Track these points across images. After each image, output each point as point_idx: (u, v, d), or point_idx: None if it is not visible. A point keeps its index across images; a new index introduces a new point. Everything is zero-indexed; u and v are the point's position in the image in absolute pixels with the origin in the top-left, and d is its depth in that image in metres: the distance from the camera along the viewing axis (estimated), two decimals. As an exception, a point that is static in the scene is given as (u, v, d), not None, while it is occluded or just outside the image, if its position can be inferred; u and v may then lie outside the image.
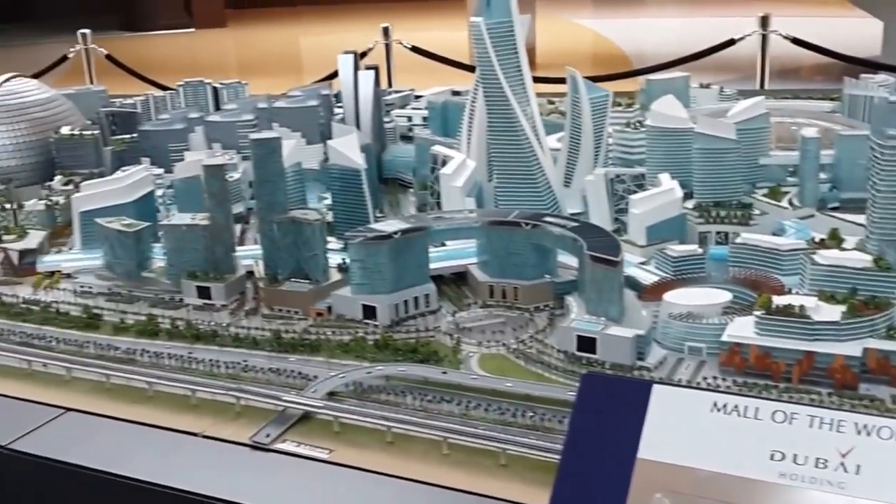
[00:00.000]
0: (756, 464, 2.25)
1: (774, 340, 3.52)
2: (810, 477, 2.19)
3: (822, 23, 15.73)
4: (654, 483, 2.31)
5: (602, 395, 2.49)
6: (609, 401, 2.46)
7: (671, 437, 2.34)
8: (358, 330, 4.12)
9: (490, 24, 4.74)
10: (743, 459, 2.27)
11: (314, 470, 3.21)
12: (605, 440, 2.40)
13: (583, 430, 2.45)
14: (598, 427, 2.43)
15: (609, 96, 5.29)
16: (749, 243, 4.22)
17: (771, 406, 2.30)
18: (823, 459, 2.20)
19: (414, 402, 3.51)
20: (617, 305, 3.83)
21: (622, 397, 2.45)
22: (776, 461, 2.23)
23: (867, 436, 2.18)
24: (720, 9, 21.92)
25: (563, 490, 2.41)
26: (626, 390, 2.48)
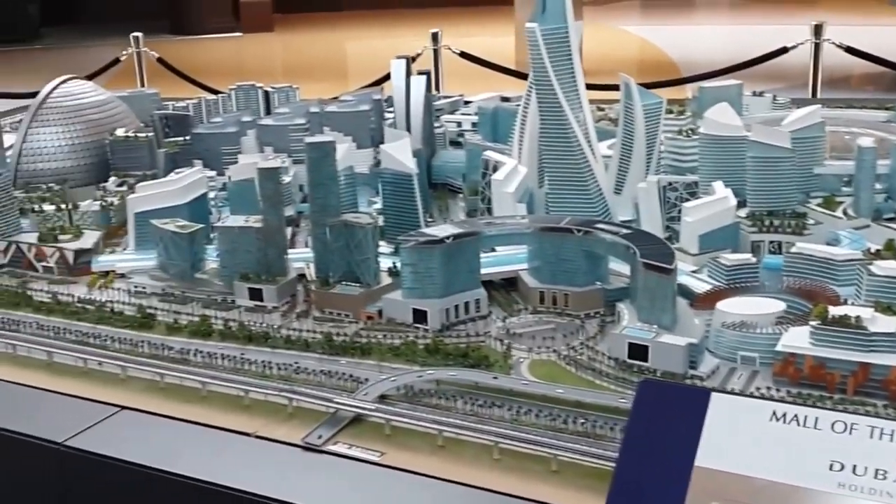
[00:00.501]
0: (814, 474, 2.25)
1: (830, 351, 3.50)
2: (869, 488, 2.18)
3: (874, 31, 15.50)
4: (711, 491, 2.32)
5: (659, 402, 2.50)
6: (666, 408, 2.47)
7: (729, 445, 2.35)
8: (408, 334, 4.17)
9: (545, 29, 4.76)
10: (801, 469, 2.27)
11: (365, 472, 3.26)
12: (662, 447, 2.41)
13: (639, 436, 2.46)
14: (654, 434, 2.44)
15: (662, 103, 5.28)
16: (804, 253, 4.20)
17: (831, 416, 2.31)
18: (883, 471, 2.19)
19: (464, 406, 3.54)
20: (669, 313, 3.83)
21: (680, 405, 2.46)
22: (835, 472, 2.23)
23: None
24: (768, 16, 21.71)
25: (619, 496, 2.42)
26: (684, 398, 2.49)
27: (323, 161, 4.47)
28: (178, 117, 7.15)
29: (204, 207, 5.44)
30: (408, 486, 3.17)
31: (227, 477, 3.25)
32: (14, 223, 5.49)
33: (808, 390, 3.48)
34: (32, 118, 6.72)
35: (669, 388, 2.68)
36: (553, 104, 4.80)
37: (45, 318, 4.61)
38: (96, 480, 3.56)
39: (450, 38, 12.14)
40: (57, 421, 3.72)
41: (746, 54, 11.22)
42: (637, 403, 2.52)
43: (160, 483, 3.36)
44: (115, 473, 3.47)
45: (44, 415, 3.81)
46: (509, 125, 5.76)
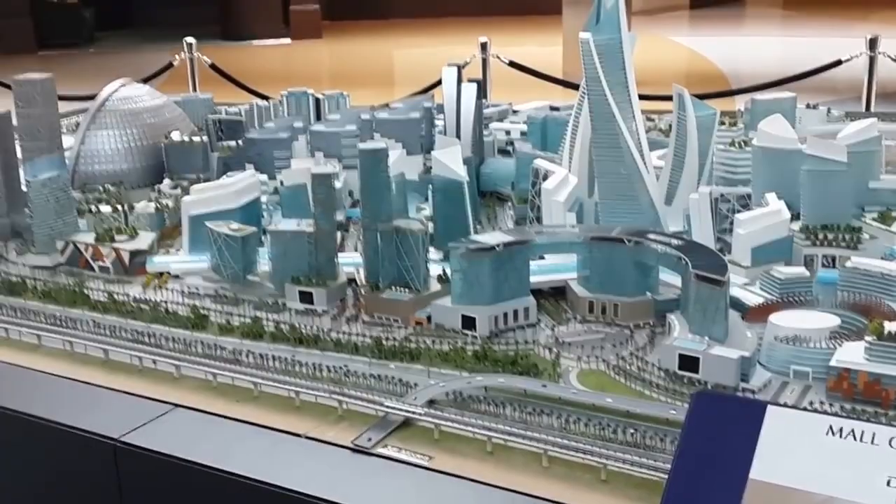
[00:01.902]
0: (871, 489, 2.24)
1: (885, 367, 3.46)
2: None
3: None
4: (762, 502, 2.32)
5: (714, 414, 2.50)
6: (721, 420, 2.47)
7: (784, 459, 2.34)
8: (457, 340, 4.20)
9: (598, 39, 4.78)
10: (857, 484, 2.25)
11: (414, 476, 3.29)
12: (717, 459, 2.41)
13: (693, 448, 2.46)
14: (709, 446, 2.43)
15: (716, 115, 5.27)
16: (860, 268, 4.15)
17: (888, 432, 2.29)
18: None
19: (513, 413, 3.56)
20: (721, 326, 3.81)
21: (735, 417, 2.46)
22: (892, 487, 2.21)
23: None
24: (819, 29, 21.44)
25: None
26: (739, 410, 2.49)
27: (376, 167, 4.52)
28: (231, 122, 7.27)
29: (256, 211, 5.53)
30: (456, 491, 3.20)
31: (277, 476, 3.30)
32: (72, 223, 5.63)
33: (862, 406, 3.44)
34: (91, 121, 6.88)
35: (724, 401, 2.67)
36: (605, 114, 4.81)
37: (100, 317, 4.72)
38: (150, 476, 3.64)
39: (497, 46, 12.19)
40: (113, 417, 3.80)
41: (796, 66, 11.11)
42: (691, 415, 2.52)
43: (211, 480, 3.42)
44: (168, 469, 3.54)
45: (100, 411, 3.90)
46: (558, 134, 5.77)
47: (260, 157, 6.59)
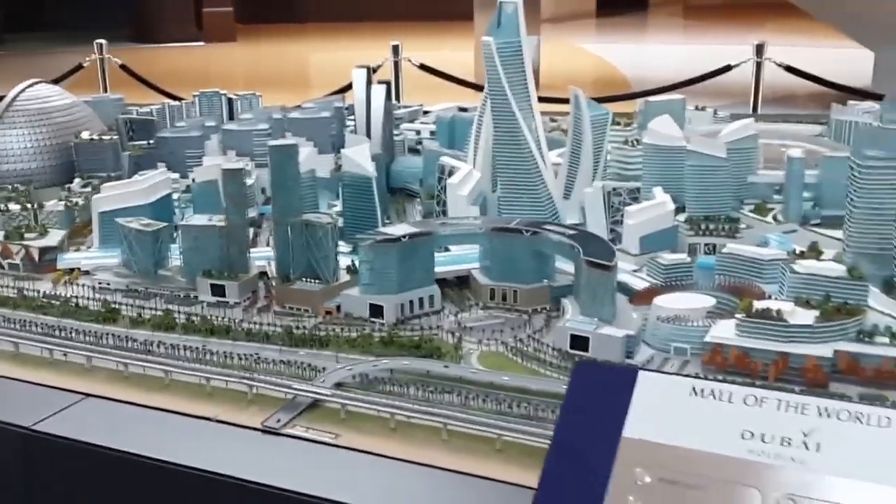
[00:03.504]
0: (728, 442, 2.46)
1: (753, 342, 3.75)
2: (776, 454, 2.39)
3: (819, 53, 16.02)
4: (637, 459, 2.52)
5: (593, 381, 2.70)
6: (599, 387, 2.68)
7: (653, 418, 2.55)
8: (365, 327, 4.35)
9: (500, 43, 4.99)
10: (716, 438, 2.47)
11: (321, 453, 3.43)
12: (594, 422, 2.61)
13: (574, 412, 2.66)
14: (587, 409, 2.64)
15: (609, 115, 5.54)
16: (734, 253, 4.46)
17: (743, 391, 2.53)
18: (788, 438, 2.40)
19: (416, 393, 3.73)
20: (609, 308, 4.05)
21: (611, 383, 2.67)
22: (746, 440, 2.44)
23: (828, 418, 2.39)
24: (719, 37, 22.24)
25: (554, 464, 2.62)
26: (615, 376, 2.70)
27: (286, 163, 4.64)
28: (142, 122, 7.27)
29: (168, 208, 5.57)
30: (361, 465, 3.35)
31: (189, 458, 3.40)
32: (-20, 222, 5.58)
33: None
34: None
35: (602, 368, 2.89)
36: (507, 113, 5.03)
37: (11, 312, 4.71)
38: (62, 463, 3.68)
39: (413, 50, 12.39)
40: (24, 407, 3.83)
41: (694, 71, 11.59)
42: (573, 382, 2.72)
43: (123, 465, 3.49)
44: (80, 456, 3.59)
45: (11, 401, 3.91)
46: (465, 133, 5.97)
47: (172, 156, 6.62)
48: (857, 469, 2.29)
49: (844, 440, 2.35)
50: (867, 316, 3.86)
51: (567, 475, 2.58)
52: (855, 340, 3.72)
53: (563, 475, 2.59)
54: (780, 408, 2.45)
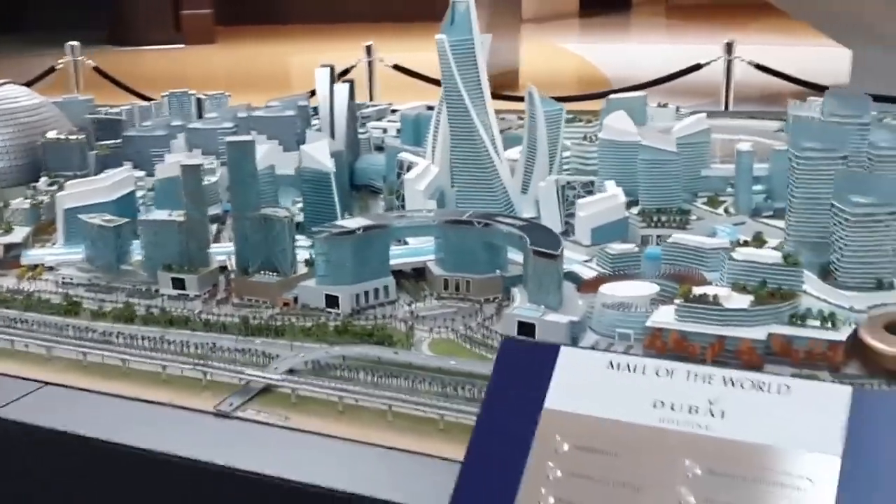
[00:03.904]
0: (640, 411, 2.67)
1: (691, 325, 3.96)
2: (684, 421, 2.60)
3: (803, 51, 16.30)
4: (556, 429, 2.73)
5: (517, 358, 2.91)
6: (523, 362, 2.89)
7: (572, 390, 2.76)
8: (321, 317, 4.54)
9: (452, 40, 5.20)
10: (629, 408, 2.68)
11: (272, 434, 3.62)
12: (518, 395, 2.81)
13: (499, 387, 2.87)
14: (512, 384, 2.85)
15: (562, 110, 5.76)
16: (679, 243, 4.68)
17: (655, 364, 2.74)
18: (695, 406, 2.62)
19: (366, 378, 3.92)
20: (555, 295, 4.26)
21: (535, 358, 2.88)
22: (657, 409, 2.65)
23: (732, 386, 2.60)
24: (702, 37, 22.51)
25: (480, 436, 2.82)
26: (539, 352, 2.91)
27: (243, 159, 4.83)
28: (109, 121, 7.44)
29: (131, 204, 5.75)
30: (310, 445, 3.55)
31: (144, 440, 3.58)
32: (-54, 219, 5.74)
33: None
34: (-35, 121, 6.96)
35: (527, 345, 3.10)
36: (461, 109, 5.24)
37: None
38: (21, 447, 3.86)
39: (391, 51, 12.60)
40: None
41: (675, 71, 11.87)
42: (499, 359, 2.93)
43: (80, 448, 3.68)
44: (38, 440, 3.78)
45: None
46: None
47: (138, 155, 6.79)
48: (758, 433, 2.50)
49: (746, 407, 2.57)
50: (801, 300, 4.08)
51: (491, 445, 2.79)
52: (788, 324, 3.93)
53: (488, 445, 2.80)
54: (689, 378, 2.67)
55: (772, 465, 2.41)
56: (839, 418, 2.44)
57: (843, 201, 4.22)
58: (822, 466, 2.36)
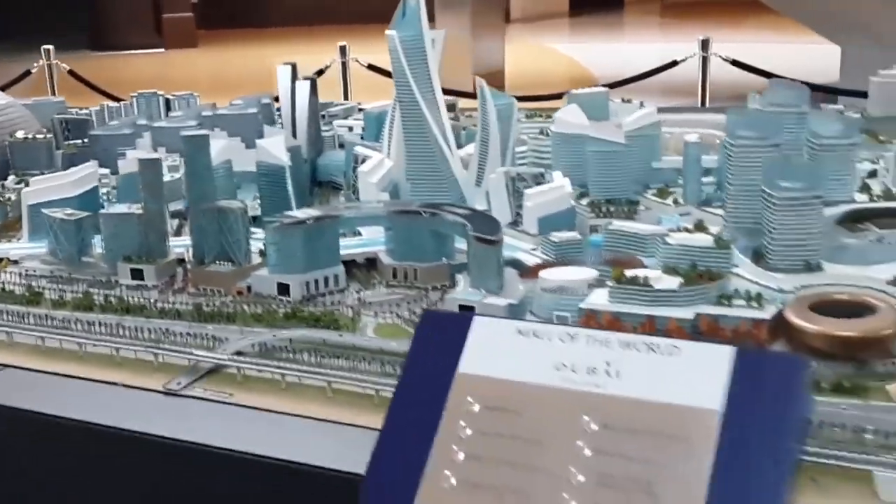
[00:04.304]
0: (544, 373, 2.94)
1: (623, 306, 4.25)
2: (583, 381, 2.88)
3: (796, 49, 16.65)
4: (468, 391, 3.01)
5: (436, 327, 3.19)
6: (441, 331, 3.16)
7: (484, 355, 3.04)
8: (272, 304, 4.83)
9: (403, 36, 5.50)
10: (534, 370, 2.95)
11: (217, 409, 3.91)
12: (434, 362, 3.09)
13: (418, 355, 3.14)
14: (430, 352, 3.12)
15: (513, 104, 6.06)
16: (618, 230, 4.97)
17: (560, 330, 3.02)
18: (593, 368, 2.90)
19: (310, 358, 4.21)
20: (496, 280, 4.55)
21: (451, 328, 3.15)
22: (559, 370, 2.93)
23: (627, 349, 2.88)
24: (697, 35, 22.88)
25: (399, 400, 3.09)
26: (455, 322, 3.19)
27: (197, 153, 5.12)
28: (77, 121, 7.73)
29: (95, 199, 6.03)
30: (252, 419, 3.84)
31: (96, 416, 3.88)
32: (-88, 216, 6.02)
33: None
34: (-67, 121, 7.24)
35: (445, 316, 3.37)
36: (412, 103, 5.53)
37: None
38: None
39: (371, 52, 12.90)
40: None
41: (667, 70, 12.18)
42: (418, 329, 3.21)
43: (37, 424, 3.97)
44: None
45: (-68, 375, 4.38)
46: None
47: (105, 153, 7.05)
48: (648, 390, 2.79)
49: (639, 367, 2.85)
50: (729, 281, 4.37)
51: (408, 408, 3.07)
52: (716, 304, 4.22)
53: (405, 408, 3.08)
54: (588, 343, 2.95)
55: (659, 419, 2.69)
56: (721, 376, 2.72)
57: (771, 187, 4.51)
58: (703, 419, 2.65)
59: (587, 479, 2.68)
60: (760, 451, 2.62)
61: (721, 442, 2.62)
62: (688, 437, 2.67)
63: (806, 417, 2.78)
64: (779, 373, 2.76)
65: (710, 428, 2.65)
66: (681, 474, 2.62)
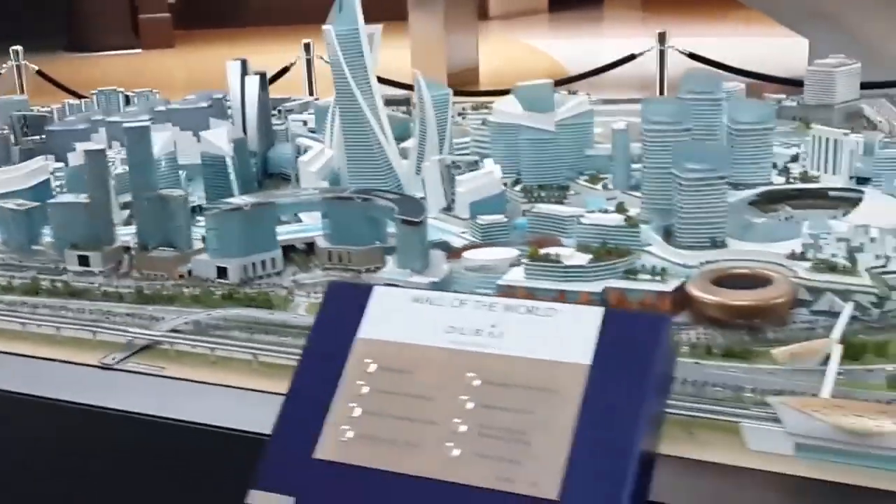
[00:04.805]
0: (435, 336, 3.21)
1: (536, 282, 4.53)
2: (469, 342, 3.16)
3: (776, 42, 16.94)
4: (366, 354, 3.28)
5: (341, 297, 3.46)
6: (345, 300, 3.43)
7: (382, 321, 3.31)
8: (210, 287, 5.09)
9: (339, 30, 5.77)
10: (427, 333, 3.23)
11: (150, 382, 4.18)
12: (337, 329, 3.36)
13: (323, 323, 3.41)
14: (334, 321, 3.39)
15: (449, 94, 6.33)
16: (541, 213, 5.26)
17: (451, 296, 3.30)
18: (479, 330, 3.17)
19: (241, 335, 4.48)
20: (420, 260, 4.82)
21: (354, 297, 3.42)
22: (449, 333, 3.20)
23: (509, 312, 3.16)
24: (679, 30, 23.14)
25: (304, 364, 3.35)
26: (357, 292, 3.45)
27: (139, 143, 5.38)
28: (35, 118, 7.98)
29: (47, 191, 6.27)
30: (182, 390, 4.10)
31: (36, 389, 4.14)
32: None
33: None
34: None
35: (348, 286, 3.64)
36: (348, 95, 5.82)
37: None
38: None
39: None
40: None
41: (644, 64, 12.42)
42: (324, 299, 3.48)
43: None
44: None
45: None
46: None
47: (61, 148, 7.29)
48: (526, 348, 3.07)
49: (519, 328, 3.13)
50: (637, 257, 4.66)
51: (313, 370, 3.34)
52: (623, 278, 4.51)
53: (310, 371, 3.34)
54: (476, 307, 3.22)
55: (534, 374, 2.97)
56: (591, 334, 3.00)
57: (679, 169, 4.80)
58: (573, 373, 2.93)
59: (469, 430, 2.96)
60: (621, 400, 2.91)
61: (586, 393, 2.91)
62: (558, 390, 2.96)
63: (668, 371, 3.07)
64: (643, 331, 3.06)
65: (578, 381, 2.94)
66: (550, 423, 2.91)
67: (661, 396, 3.06)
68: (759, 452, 3.27)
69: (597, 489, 2.75)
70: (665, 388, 3.07)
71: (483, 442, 2.93)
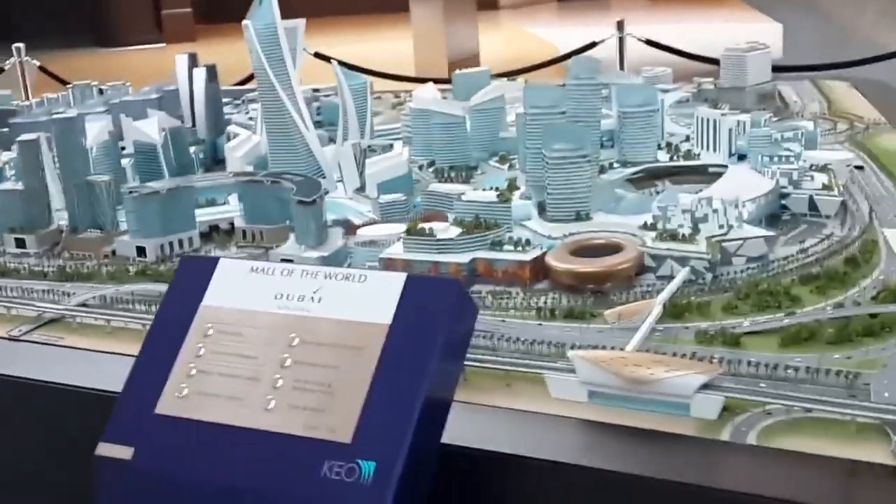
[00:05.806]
0: (266, 302, 3.46)
1: (413, 254, 4.78)
2: (294, 307, 3.41)
3: None
4: (207, 319, 3.53)
5: (191, 269, 3.72)
6: (194, 273, 3.69)
7: (223, 290, 3.56)
8: (128, 265, 5.38)
9: (257, 25, 6.03)
10: (258, 300, 3.47)
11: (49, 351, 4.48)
12: (185, 296, 3.60)
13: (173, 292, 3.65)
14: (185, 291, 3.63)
15: (366, 83, 6.57)
16: (432, 192, 5.49)
17: (282, 266, 3.54)
18: (302, 295, 3.42)
19: (142, 308, 4.76)
20: (314, 236, 5.09)
21: (202, 269, 3.68)
22: (277, 299, 3.45)
23: (329, 279, 3.40)
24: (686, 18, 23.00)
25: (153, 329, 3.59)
26: (205, 264, 3.71)
27: (68, 133, 5.69)
28: (6, 112, 8.30)
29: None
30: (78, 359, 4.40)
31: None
32: None
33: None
34: None
35: (197, 260, 3.90)
36: (268, 86, 6.07)
37: None
38: None
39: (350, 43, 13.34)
40: None
41: (644, 54, 12.50)
42: (177, 272, 3.73)
43: None
44: None
45: None
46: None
47: (25, 140, 7.63)
48: (340, 311, 3.31)
49: (336, 293, 3.38)
50: (504, 230, 4.87)
51: (161, 336, 3.58)
52: (490, 249, 4.73)
53: (158, 336, 3.59)
54: (302, 276, 3.48)
55: (343, 333, 3.23)
56: (394, 297, 3.24)
57: (547, 148, 5.01)
58: (375, 332, 3.18)
59: (285, 384, 3.24)
60: (413, 355, 3.15)
61: (385, 350, 3.16)
62: (362, 347, 3.22)
63: (463, 329, 3.32)
64: (436, 294, 3.32)
65: (379, 339, 3.20)
66: (352, 377, 3.18)
67: (454, 351, 3.31)
68: (559, 399, 3.50)
69: (385, 433, 3.02)
70: (460, 344, 3.32)
71: (295, 394, 3.20)
